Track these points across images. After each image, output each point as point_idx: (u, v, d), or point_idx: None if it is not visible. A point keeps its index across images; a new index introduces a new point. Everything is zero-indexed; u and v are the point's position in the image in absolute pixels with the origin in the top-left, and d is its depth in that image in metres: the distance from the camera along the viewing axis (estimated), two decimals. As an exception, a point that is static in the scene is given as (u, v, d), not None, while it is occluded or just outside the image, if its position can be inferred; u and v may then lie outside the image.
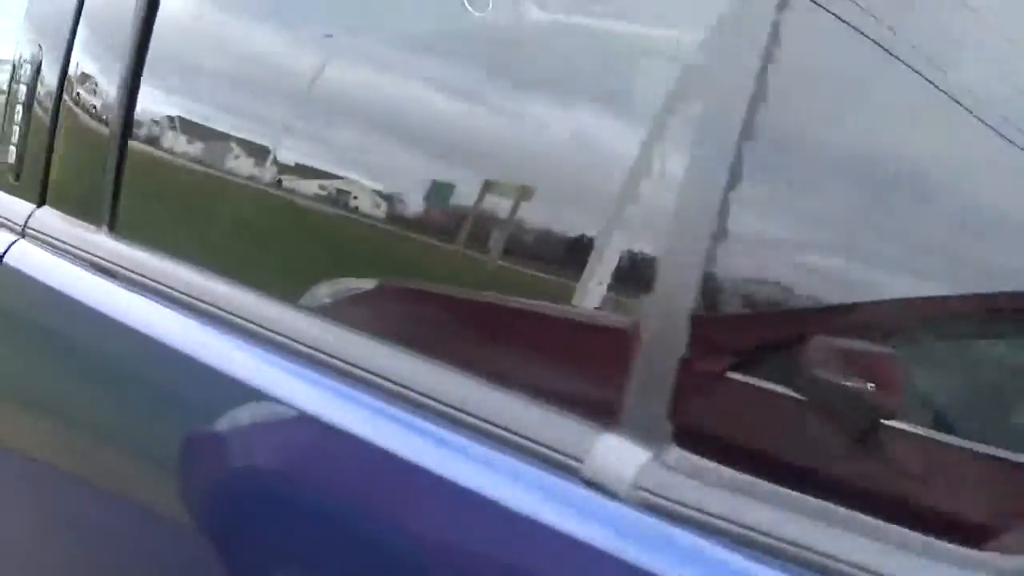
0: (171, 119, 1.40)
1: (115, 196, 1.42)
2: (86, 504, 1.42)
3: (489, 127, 1.14)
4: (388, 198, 1.20)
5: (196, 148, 1.38)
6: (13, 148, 1.59)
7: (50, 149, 1.53)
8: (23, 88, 1.58)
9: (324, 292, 1.25)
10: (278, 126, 1.33)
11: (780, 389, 0.88)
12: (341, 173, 1.25)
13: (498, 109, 1.12)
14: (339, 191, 1.25)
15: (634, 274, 0.95)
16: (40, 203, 1.55)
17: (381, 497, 1.07)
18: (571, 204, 1.03)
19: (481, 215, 1.07)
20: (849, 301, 0.87)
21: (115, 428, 1.38)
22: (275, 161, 1.31)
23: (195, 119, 1.40)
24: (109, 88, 1.44)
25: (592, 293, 0.98)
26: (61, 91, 1.51)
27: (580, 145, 1.03)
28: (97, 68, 1.47)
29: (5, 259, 1.53)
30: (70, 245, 1.47)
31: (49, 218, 1.53)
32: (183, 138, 1.40)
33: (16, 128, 1.58)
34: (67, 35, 1.51)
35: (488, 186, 1.08)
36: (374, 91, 1.23)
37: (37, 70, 1.56)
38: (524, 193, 1.04)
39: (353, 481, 1.09)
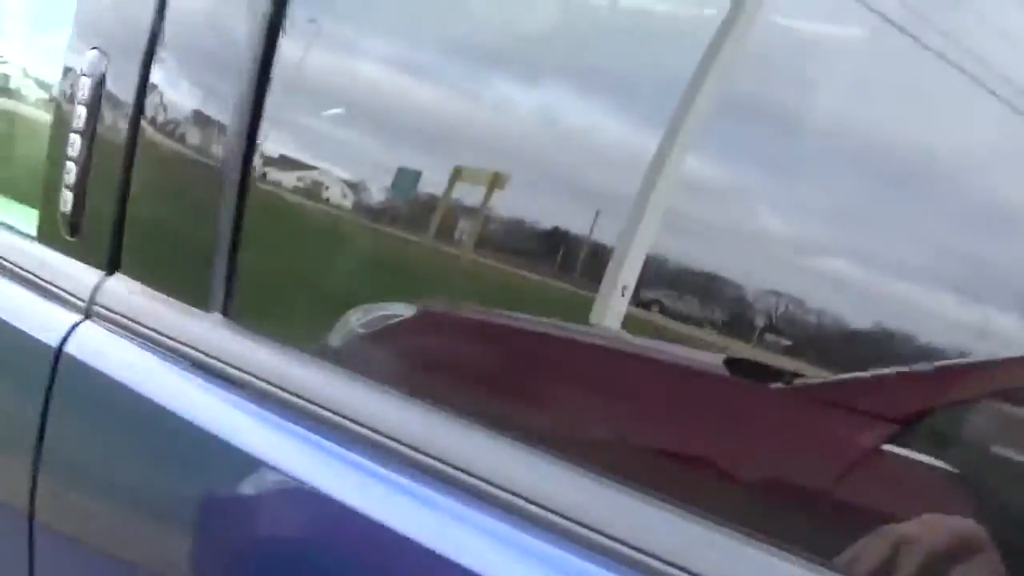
0: (314, 158, 0.98)
1: (232, 266, 1.00)
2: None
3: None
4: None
5: (352, 203, 0.96)
6: (67, 192, 1.16)
7: (124, 195, 1.10)
8: (80, 110, 1.14)
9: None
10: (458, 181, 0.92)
11: None
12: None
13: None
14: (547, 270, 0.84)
15: None
16: (110, 269, 1.12)
17: None
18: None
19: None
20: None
21: None
22: (462, 226, 0.90)
23: (349, 161, 0.97)
24: (218, 113, 1.01)
25: None
26: (139, 116, 1.08)
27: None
28: (195, 85, 1.04)
29: (66, 348, 1.10)
30: (161, 334, 1.04)
31: (126, 292, 1.10)
32: (336, 187, 0.97)
33: (71, 164, 1.15)
34: (146, 37, 1.07)
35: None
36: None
37: (99, 85, 1.13)
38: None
39: None
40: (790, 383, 0.68)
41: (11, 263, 1.23)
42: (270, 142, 0.99)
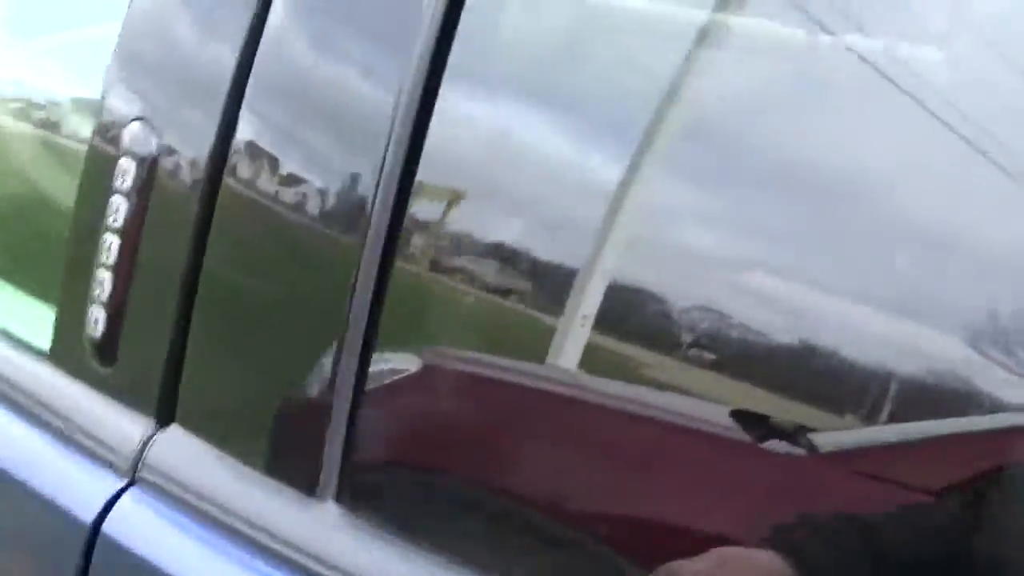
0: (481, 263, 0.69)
1: (356, 430, 0.71)
2: None
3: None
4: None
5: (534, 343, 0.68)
6: (99, 310, 0.87)
7: (185, 319, 0.81)
8: (118, 203, 0.85)
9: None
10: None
11: None
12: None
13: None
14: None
15: None
16: (163, 419, 0.83)
17: None
18: None
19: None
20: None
21: None
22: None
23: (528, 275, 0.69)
24: (340, 208, 0.72)
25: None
26: (210, 212, 0.79)
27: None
28: (301, 172, 0.75)
29: (105, 526, 0.81)
30: (241, 519, 0.75)
31: (187, 454, 0.80)
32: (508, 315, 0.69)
33: (104, 274, 0.86)
34: (221, 105, 0.78)
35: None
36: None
37: (147, 170, 0.84)
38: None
39: None
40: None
41: (24, 395, 0.93)
42: (418, 244, 0.70)
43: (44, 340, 0.95)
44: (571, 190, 0.67)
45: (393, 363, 0.73)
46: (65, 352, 0.92)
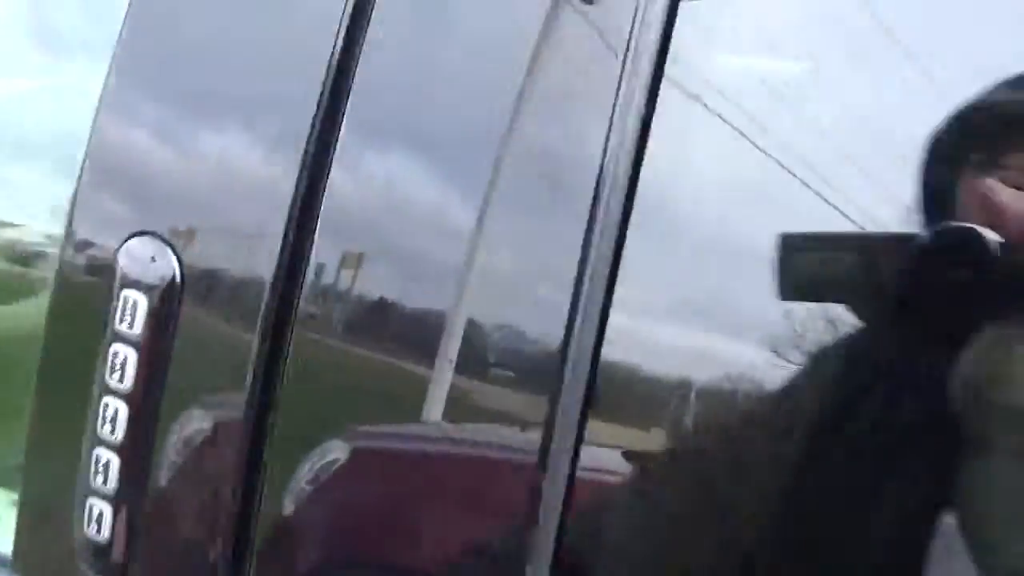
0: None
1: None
2: None
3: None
4: None
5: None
6: (100, 503, 0.62)
7: (246, 508, 0.57)
8: (122, 354, 0.61)
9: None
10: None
11: None
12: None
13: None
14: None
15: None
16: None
17: None
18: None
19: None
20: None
21: None
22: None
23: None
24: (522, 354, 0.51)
25: None
26: (273, 365, 0.56)
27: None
28: (427, 296, 0.54)
29: None
30: None
31: None
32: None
33: (107, 455, 0.61)
34: (284, 216, 0.56)
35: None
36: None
37: (163, 300, 0.60)
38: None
39: None
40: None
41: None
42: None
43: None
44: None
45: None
46: (40, 559, 0.66)
